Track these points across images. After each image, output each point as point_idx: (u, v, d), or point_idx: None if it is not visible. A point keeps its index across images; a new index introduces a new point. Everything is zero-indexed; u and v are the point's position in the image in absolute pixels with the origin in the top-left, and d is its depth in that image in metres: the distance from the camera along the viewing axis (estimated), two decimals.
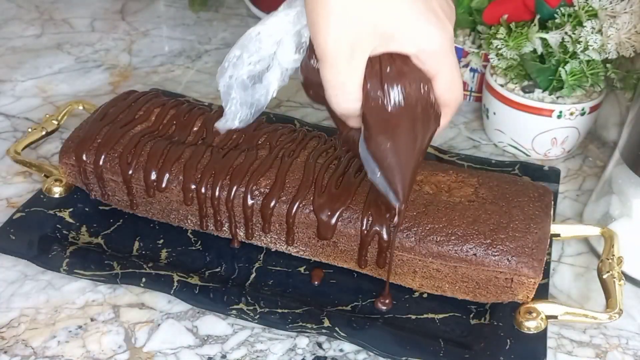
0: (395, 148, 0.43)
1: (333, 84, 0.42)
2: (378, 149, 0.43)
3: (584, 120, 0.70)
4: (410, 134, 0.43)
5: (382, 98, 0.41)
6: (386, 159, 0.44)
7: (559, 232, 0.58)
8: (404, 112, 0.41)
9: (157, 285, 0.55)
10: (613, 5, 0.63)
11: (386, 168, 0.44)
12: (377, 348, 0.50)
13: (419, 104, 0.42)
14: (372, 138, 0.43)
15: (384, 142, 0.43)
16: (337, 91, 0.42)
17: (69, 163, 0.60)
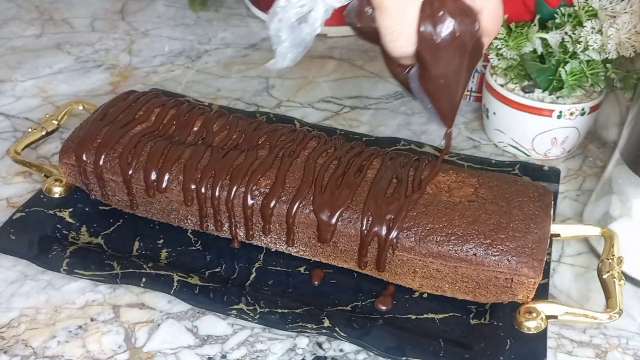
0: (446, 82, 0.47)
1: (391, 31, 0.44)
2: (431, 84, 0.47)
3: (584, 120, 0.70)
4: (460, 68, 0.46)
5: (436, 39, 0.44)
6: (438, 92, 0.48)
7: (559, 232, 0.58)
8: (455, 50, 0.45)
9: (157, 285, 0.55)
10: (613, 5, 0.63)
11: (437, 99, 0.48)
12: (377, 348, 0.50)
13: (469, 40, 0.45)
14: (426, 75, 0.46)
15: (436, 78, 0.46)
16: (396, 36, 0.44)
17: (69, 163, 0.60)
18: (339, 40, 0.97)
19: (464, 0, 0.45)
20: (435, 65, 0.46)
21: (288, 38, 0.48)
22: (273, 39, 0.49)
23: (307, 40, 0.49)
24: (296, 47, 0.49)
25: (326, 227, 0.54)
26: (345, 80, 0.88)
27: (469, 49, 0.46)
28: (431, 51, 0.44)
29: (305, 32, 0.48)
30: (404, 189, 0.55)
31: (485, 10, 0.45)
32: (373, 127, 0.78)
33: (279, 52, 0.49)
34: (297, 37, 0.49)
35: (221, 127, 0.61)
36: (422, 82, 0.47)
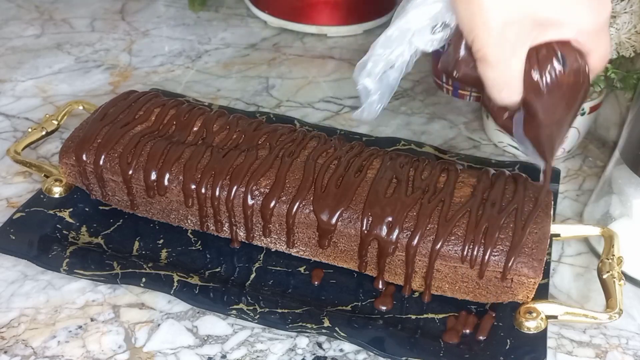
0: (551, 129, 0.45)
1: (497, 83, 0.42)
2: (537, 131, 0.45)
3: (584, 120, 0.70)
4: (566, 113, 0.45)
5: (544, 88, 0.42)
6: (543, 138, 0.46)
7: (559, 232, 0.58)
8: (563, 97, 0.43)
9: (157, 285, 0.55)
10: (613, 5, 0.63)
11: (541, 144, 0.46)
12: (377, 348, 0.50)
13: (578, 84, 0.43)
14: (531, 122, 0.45)
15: (543, 125, 0.44)
16: (501, 88, 0.43)
17: (69, 163, 0.60)
18: (339, 40, 0.98)
19: (572, 44, 0.42)
20: (543, 113, 0.44)
21: (378, 91, 0.48)
22: (362, 93, 0.48)
23: (394, 85, 0.48)
24: (384, 96, 0.48)
25: (326, 227, 0.54)
26: (345, 80, 0.88)
27: (577, 92, 0.44)
28: (538, 100, 0.43)
29: (392, 77, 0.48)
30: (404, 189, 0.55)
31: (593, 53, 0.43)
32: (373, 127, 0.78)
33: (368, 104, 0.48)
34: (384, 86, 0.48)
35: (221, 127, 0.61)
36: (527, 128, 0.45)
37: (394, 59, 0.46)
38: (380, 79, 0.47)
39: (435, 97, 0.85)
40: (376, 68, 0.47)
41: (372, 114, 0.49)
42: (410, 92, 0.86)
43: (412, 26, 0.45)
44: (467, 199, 0.54)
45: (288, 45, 0.96)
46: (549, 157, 0.48)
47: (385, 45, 0.46)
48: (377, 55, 0.46)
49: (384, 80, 0.48)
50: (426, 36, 0.45)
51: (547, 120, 0.44)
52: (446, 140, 0.77)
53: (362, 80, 0.47)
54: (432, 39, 0.46)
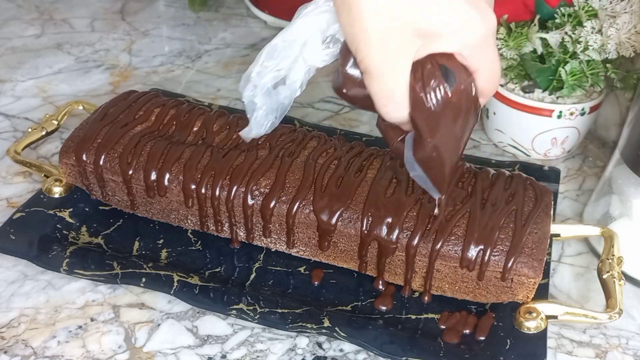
0: (442, 149, 0.43)
1: (382, 95, 0.41)
2: (426, 152, 0.43)
3: (584, 120, 0.70)
4: (456, 132, 0.43)
5: (429, 103, 0.40)
6: (433, 160, 0.44)
7: (559, 232, 0.58)
8: (450, 114, 0.41)
9: (157, 285, 0.55)
10: (613, 5, 0.63)
11: (432, 167, 0.44)
12: (377, 348, 0.50)
13: (464, 102, 0.41)
14: (420, 142, 0.43)
15: (431, 144, 0.42)
16: (387, 101, 0.41)
17: (69, 163, 0.60)
18: None
19: (458, 60, 0.40)
20: (430, 133, 0.42)
21: (264, 105, 0.45)
22: (247, 107, 0.45)
23: (286, 104, 0.46)
24: (273, 113, 0.46)
25: (326, 227, 0.54)
26: None
27: (465, 112, 0.42)
28: (425, 118, 0.41)
29: (283, 95, 0.45)
30: (404, 189, 0.55)
31: (480, 70, 0.41)
32: (373, 127, 0.78)
33: (254, 120, 0.46)
34: (274, 102, 0.45)
35: (221, 127, 0.61)
36: (416, 149, 0.43)
37: (283, 73, 0.44)
38: (269, 94, 0.45)
39: None
40: (262, 80, 0.44)
41: (259, 130, 0.46)
42: None
43: (299, 37, 0.43)
44: (467, 199, 0.54)
45: None
46: (440, 186, 0.46)
47: (270, 55, 0.43)
48: (261, 66, 0.44)
49: (273, 96, 0.45)
50: (318, 50, 0.43)
51: (434, 140, 0.42)
52: None
53: (247, 93, 0.45)
54: (323, 54, 0.43)
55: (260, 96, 0.45)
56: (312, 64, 0.44)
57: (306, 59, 0.44)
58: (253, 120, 0.46)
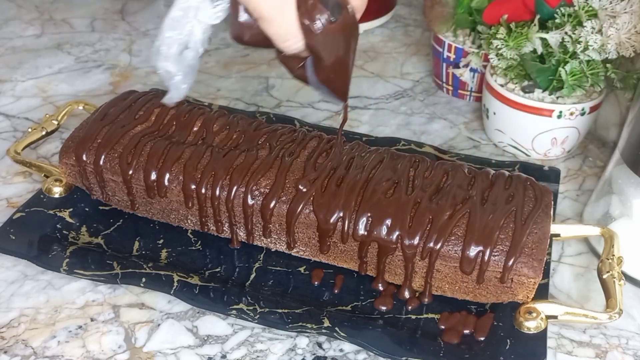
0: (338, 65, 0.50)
1: (279, 35, 0.47)
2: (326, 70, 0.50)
3: (584, 120, 0.70)
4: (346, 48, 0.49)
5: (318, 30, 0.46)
6: (333, 75, 0.50)
7: (559, 232, 0.58)
8: (337, 34, 0.48)
9: (157, 285, 0.55)
10: (613, 5, 0.63)
11: (333, 82, 0.51)
12: (377, 348, 0.50)
13: (346, 21, 0.48)
14: (319, 64, 0.49)
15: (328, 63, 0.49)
16: (284, 38, 0.47)
17: (69, 163, 0.60)
18: None
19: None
20: (325, 54, 0.48)
21: (179, 71, 0.50)
22: (164, 76, 0.50)
23: (194, 64, 0.51)
24: (187, 75, 0.51)
25: (326, 227, 0.54)
26: None
27: (349, 29, 0.49)
28: (318, 41, 0.47)
29: (190, 57, 0.50)
30: (404, 189, 0.55)
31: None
32: (373, 127, 0.78)
33: (173, 86, 0.51)
34: (185, 66, 0.50)
35: (221, 127, 0.61)
36: (317, 72, 0.50)
37: (186, 39, 0.49)
38: (179, 60, 0.50)
39: (435, 97, 0.85)
40: (171, 50, 0.49)
41: (179, 94, 0.51)
42: (410, 92, 0.86)
43: (192, 3, 0.48)
44: (467, 199, 0.54)
45: None
46: (342, 96, 0.53)
47: (172, 27, 0.48)
48: (167, 38, 0.49)
49: (182, 61, 0.50)
50: (209, 10, 0.48)
51: (330, 59, 0.48)
52: (446, 140, 0.77)
53: (161, 64, 0.49)
54: (215, 11, 0.49)
55: (172, 65, 0.50)
56: (207, 22, 0.49)
57: (201, 20, 0.49)
58: (172, 87, 0.51)
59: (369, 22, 0.99)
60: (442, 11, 0.77)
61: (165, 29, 0.49)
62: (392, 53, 0.95)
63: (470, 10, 0.76)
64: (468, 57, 0.78)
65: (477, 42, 0.78)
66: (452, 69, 0.81)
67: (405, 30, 1.01)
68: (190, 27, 0.49)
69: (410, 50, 0.95)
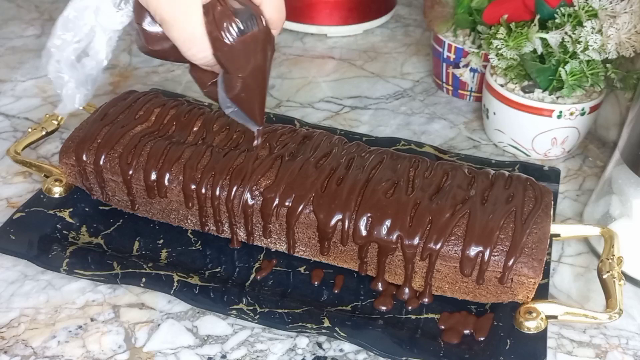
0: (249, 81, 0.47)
1: (182, 40, 0.44)
2: (236, 87, 0.47)
3: (584, 120, 0.70)
4: (258, 64, 0.46)
5: (226, 40, 0.43)
6: (244, 93, 0.47)
7: (559, 232, 0.58)
8: (248, 46, 0.45)
9: (157, 285, 0.55)
10: (613, 5, 0.63)
11: (245, 101, 0.48)
12: (377, 348, 0.50)
13: (258, 34, 0.45)
14: (228, 79, 0.46)
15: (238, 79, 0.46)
16: (189, 44, 0.44)
17: (69, 163, 0.60)
18: (339, 40, 0.98)
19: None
20: (235, 66, 0.45)
21: (72, 78, 0.47)
22: (55, 83, 0.47)
23: (94, 74, 0.48)
24: (83, 85, 0.48)
25: (326, 227, 0.54)
26: (345, 80, 0.88)
27: (261, 43, 0.46)
28: (226, 53, 0.44)
29: (90, 66, 0.47)
30: (404, 189, 0.55)
31: (265, 2, 0.45)
32: (373, 127, 0.78)
33: (65, 95, 0.47)
34: (82, 75, 0.47)
35: (221, 127, 0.61)
36: (228, 87, 0.47)
37: (83, 45, 0.45)
38: (74, 67, 0.46)
39: (435, 97, 0.85)
40: (63, 53, 0.46)
41: (73, 105, 0.48)
42: (410, 92, 0.86)
43: (90, 4, 0.44)
44: (467, 199, 0.54)
45: (288, 45, 0.96)
46: (256, 117, 0.50)
47: (65, 27, 0.45)
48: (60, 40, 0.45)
49: (79, 68, 0.46)
50: (112, 14, 0.45)
51: (241, 74, 0.46)
52: (446, 140, 0.77)
53: (51, 68, 0.46)
54: (118, 16, 0.45)
55: (66, 70, 0.47)
56: (110, 28, 0.45)
57: (103, 25, 0.45)
58: (64, 95, 0.48)
59: (369, 22, 0.99)
60: (442, 11, 0.77)
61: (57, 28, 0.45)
62: (392, 53, 0.95)
63: (470, 10, 0.76)
64: (468, 57, 0.78)
65: (477, 42, 0.78)
66: (452, 69, 0.81)
67: (405, 30, 1.01)
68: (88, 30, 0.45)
69: (410, 50, 0.95)
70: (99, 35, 0.45)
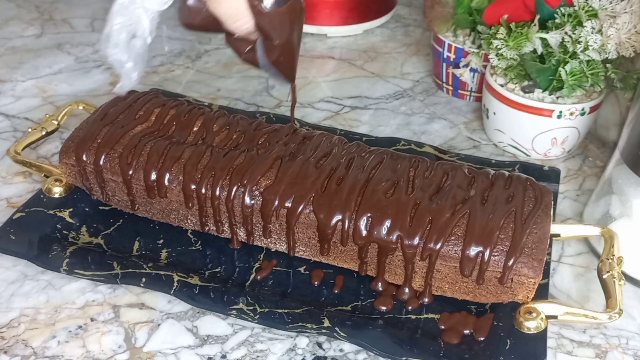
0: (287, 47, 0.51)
1: (229, 15, 0.48)
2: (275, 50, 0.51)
3: (584, 120, 0.70)
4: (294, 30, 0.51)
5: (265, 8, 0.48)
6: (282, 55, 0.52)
7: (559, 232, 0.58)
8: (286, 14, 0.49)
9: (157, 285, 0.55)
10: (613, 5, 0.63)
11: (283, 63, 0.53)
12: (377, 348, 0.50)
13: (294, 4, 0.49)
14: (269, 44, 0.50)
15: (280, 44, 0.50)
16: (234, 18, 0.48)
17: (69, 163, 0.60)
18: (339, 40, 0.97)
19: None
20: (274, 33, 0.49)
21: (130, 58, 0.51)
22: (115, 64, 0.51)
23: (143, 53, 0.52)
24: (137, 63, 0.52)
25: (326, 227, 0.54)
26: (345, 80, 0.88)
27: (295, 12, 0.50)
28: (267, 22, 0.48)
29: (138, 46, 0.51)
30: (404, 189, 0.55)
31: None
32: (373, 127, 0.78)
33: (125, 74, 0.52)
34: (135, 55, 0.51)
35: (221, 127, 0.61)
36: (268, 53, 0.51)
37: (134, 26, 0.49)
38: (128, 48, 0.50)
39: (435, 97, 0.85)
40: (120, 37, 0.50)
41: (131, 82, 0.52)
42: (410, 92, 0.86)
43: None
44: (467, 199, 0.54)
45: None
46: (291, 77, 0.55)
47: (121, 13, 0.49)
48: (117, 24, 0.49)
49: (131, 49, 0.51)
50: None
51: (279, 40, 0.50)
52: (446, 140, 0.77)
53: (111, 52, 0.50)
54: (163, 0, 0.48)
55: (123, 52, 0.51)
56: (154, 9, 0.50)
57: (147, 7, 0.49)
58: (124, 75, 0.52)
59: (369, 22, 0.99)
60: (442, 11, 0.77)
61: (113, 15, 0.49)
62: (392, 53, 0.95)
63: (470, 10, 0.76)
64: (468, 57, 0.78)
65: (477, 42, 0.78)
66: (452, 69, 0.81)
67: (405, 30, 1.01)
68: (138, 14, 0.49)
69: (410, 50, 0.95)
70: (143, 16, 0.50)
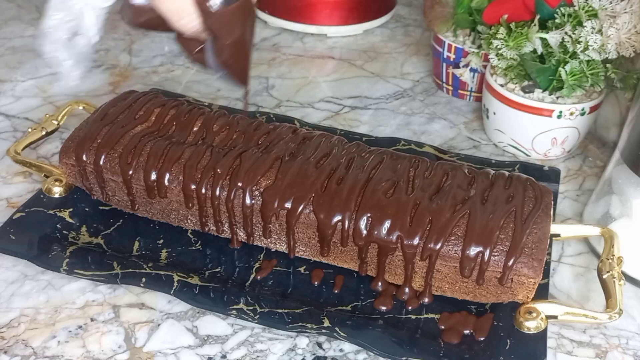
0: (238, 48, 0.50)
1: (173, 12, 0.46)
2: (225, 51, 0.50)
3: (584, 120, 0.70)
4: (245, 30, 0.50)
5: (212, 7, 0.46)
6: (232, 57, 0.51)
7: (559, 232, 0.58)
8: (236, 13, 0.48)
9: (157, 285, 0.55)
10: (613, 5, 0.63)
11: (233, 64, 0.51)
12: (377, 348, 0.50)
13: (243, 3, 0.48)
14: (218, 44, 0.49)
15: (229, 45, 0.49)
16: (179, 16, 0.47)
17: (69, 163, 0.60)
18: (339, 40, 0.97)
19: None
20: (223, 33, 0.48)
21: (68, 57, 0.49)
22: (52, 62, 0.49)
23: (86, 51, 0.50)
24: (78, 62, 0.50)
25: (326, 227, 0.54)
26: (345, 80, 0.88)
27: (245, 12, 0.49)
28: (215, 21, 0.47)
29: (82, 44, 0.49)
30: (404, 190, 0.55)
31: None
32: (373, 127, 0.78)
33: (63, 73, 0.50)
34: (76, 53, 0.50)
35: (221, 127, 0.61)
36: (217, 54, 0.50)
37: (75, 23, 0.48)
38: (69, 46, 0.49)
39: (435, 97, 0.85)
40: (57, 34, 0.48)
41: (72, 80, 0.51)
42: (410, 92, 0.86)
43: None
44: (467, 199, 0.54)
45: (288, 45, 0.96)
46: (243, 79, 0.54)
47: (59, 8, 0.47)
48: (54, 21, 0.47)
49: (73, 47, 0.49)
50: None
51: (228, 41, 0.48)
52: (446, 140, 0.77)
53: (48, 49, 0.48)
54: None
55: (61, 50, 0.49)
56: (98, 5, 0.48)
57: (91, 4, 0.48)
58: (62, 73, 0.51)
59: (369, 22, 0.99)
60: (442, 11, 0.77)
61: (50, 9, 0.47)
62: (392, 53, 0.95)
63: (470, 10, 0.76)
64: (468, 57, 0.78)
65: (477, 42, 0.78)
66: (452, 69, 0.81)
67: (405, 30, 1.01)
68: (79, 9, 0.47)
69: (410, 50, 0.95)
70: (87, 14, 0.48)
